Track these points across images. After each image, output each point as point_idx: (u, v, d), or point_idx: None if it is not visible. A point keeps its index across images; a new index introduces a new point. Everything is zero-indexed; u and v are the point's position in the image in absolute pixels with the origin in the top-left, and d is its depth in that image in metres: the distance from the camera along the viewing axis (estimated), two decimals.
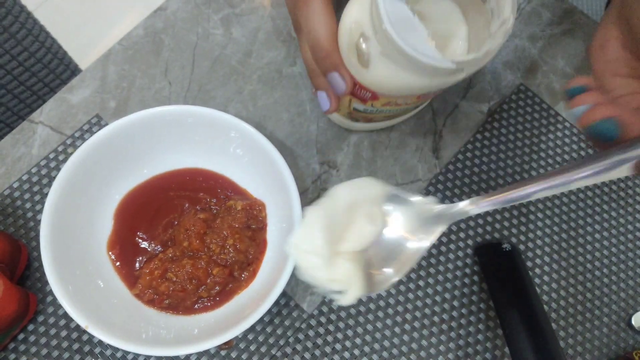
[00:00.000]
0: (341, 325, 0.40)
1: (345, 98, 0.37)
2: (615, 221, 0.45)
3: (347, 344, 0.40)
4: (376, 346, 0.40)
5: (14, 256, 0.37)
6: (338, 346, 0.40)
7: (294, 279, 0.41)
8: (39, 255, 0.40)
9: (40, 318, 0.38)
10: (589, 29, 0.51)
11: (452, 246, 0.43)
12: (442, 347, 0.40)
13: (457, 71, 0.29)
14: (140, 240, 0.39)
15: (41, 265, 0.39)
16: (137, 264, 0.38)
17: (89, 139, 0.37)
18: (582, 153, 0.47)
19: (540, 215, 0.45)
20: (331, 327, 0.40)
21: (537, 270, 0.43)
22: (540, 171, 0.46)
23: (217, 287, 0.37)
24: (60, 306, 0.39)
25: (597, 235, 0.45)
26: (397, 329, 0.40)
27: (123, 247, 0.39)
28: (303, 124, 0.45)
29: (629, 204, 0.46)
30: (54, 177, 0.42)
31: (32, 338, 0.38)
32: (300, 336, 0.39)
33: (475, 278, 0.42)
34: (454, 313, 0.41)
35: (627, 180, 0.46)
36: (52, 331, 0.38)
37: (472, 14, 0.32)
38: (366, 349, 0.40)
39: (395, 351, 0.40)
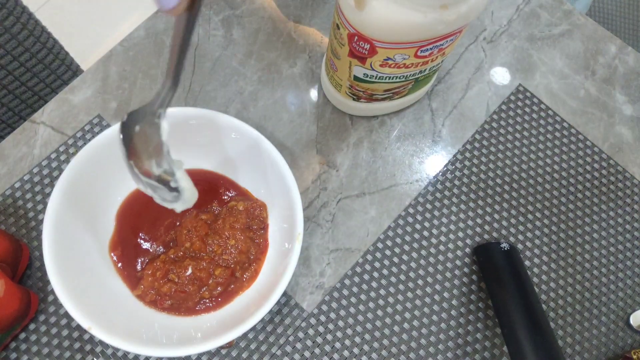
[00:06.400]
0: (341, 324, 0.40)
1: (345, 62, 0.37)
2: (614, 221, 0.45)
3: (347, 343, 0.40)
4: (376, 345, 0.40)
5: (15, 256, 0.37)
6: (338, 345, 0.40)
7: (294, 278, 0.41)
8: (40, 254, 0.40)
9: (42, 317, 0.38)
10: (587, 30, 0.52)
11: (450, 246, 0.43)
12: (441, 346, 0.40)
13: (450, 6, 0.30)
14: (142, 242, 0.39)
15: (42, 265, 0.39)
16: (139, 265, 0.39)
17: (91, 141, 0.37)
18: (580, 153, 0.47)
19: (538, 215, 0.45)
20: (331, 326, 0.40)
21: (536, 270, 0.43)
22: (538, 171, 0.46)
23: (219, 288, 0.38)
24: (61, 305, 0.39)
25: (595, 235, 0.45)
26: (396, 329, 0.41)
27: (125, 248, 0.39)
28: (303, 124, 0.46)
29: (626, 204, 0.46)
30: (56, 177, 0.42)
31: (33, 337, 0.38)
32: (301, 335, 0.40)
33: (474, 278, 0.42)
34: (453, 312, 0.41)
35: (625, 181, 0.47)
36: (54, 330, 0.38)
37: None
38: (366, 348, 0.40)
39: (395, 350, 0.40)
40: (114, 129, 0.37)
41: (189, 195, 0.33)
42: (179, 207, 0.33)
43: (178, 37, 0.27)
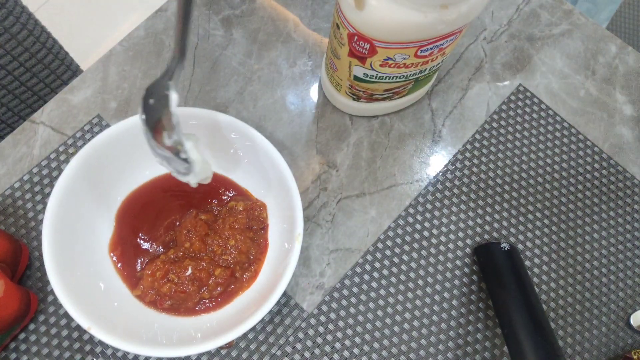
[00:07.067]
0: (341, 324, 0.40)
1: (345, 62, 0.37)
2: (614, 221, 0.45)
3: (347, 343, 0.40)
4: (376, 346, 0.40)
5: (15, 256, 0.37)
6: (338, 345, 0.40)
7: (294, 278, 0.41)
8: (40, 255, 0.40)
9: (41, 317, 0.38)
10: (588, 30, 0.52)
11: (451, 246, 0.43)
12: (441, 346, 0.40)
13: (450, 5, 0.30)
14: (141, 242, 0.39)
15: (42, 265, 0.39)
16: (139, 266, 0.39)
17: (91, 141, 0.37)
18: (580, 153, 0.47)
19: (538, 215, 0.45)
20: (331, 327, 0.40)
21: (536, 270, 0.43)
22: (538, 171, 0.46)
23: (219, 288, 0.37)
24: (61, 306, 0.39)
25: (595, 235, 0.45)
26: (397, 329, 0.41)
27: (125, 248, 0.39)
28: (303, 124, 0.46)
29: (626, 204, 0.46)
30: (55, 177, 0.42)
31: (33, 337, 0.38)
32: (301, 335, 0.40)
33: (475, 278, 0.42)
34: (454, 313, 0.41)
35: (625, 181, 0.47)
36: (53, 330, 0.38)
37: None
38: (366, 348, 0.40)
39: (395, 351, 0.40)
40: (113, 130, 0.37)
41: (200, 167, 0.34)
42: (192, 179, 0.35)
43: (180, 5, 0.28)
